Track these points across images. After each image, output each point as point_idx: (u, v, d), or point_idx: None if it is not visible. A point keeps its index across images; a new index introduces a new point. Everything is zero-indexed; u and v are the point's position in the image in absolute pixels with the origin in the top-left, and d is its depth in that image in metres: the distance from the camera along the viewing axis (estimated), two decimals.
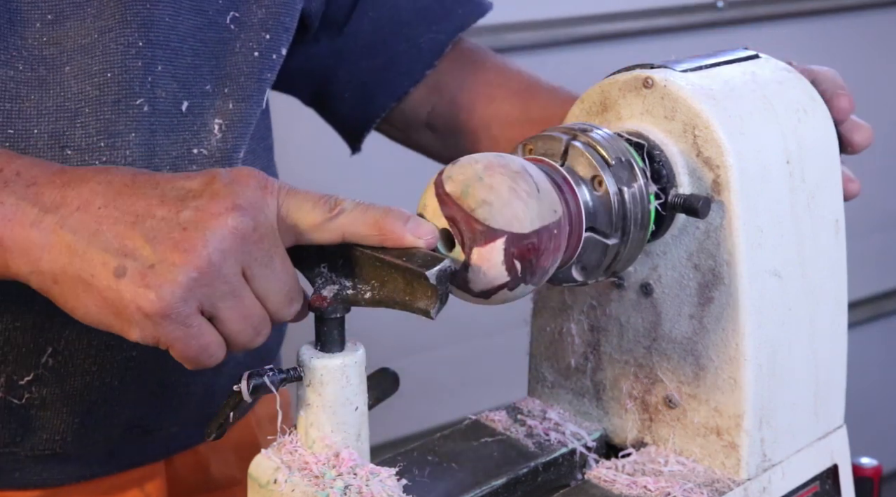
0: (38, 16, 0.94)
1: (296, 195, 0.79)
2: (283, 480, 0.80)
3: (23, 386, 1.00)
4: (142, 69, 0.97)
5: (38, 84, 0.94)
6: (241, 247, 0.76)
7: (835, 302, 0.97)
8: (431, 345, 2.21)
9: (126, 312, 0.76)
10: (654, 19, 2.36)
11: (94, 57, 0.96)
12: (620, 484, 0.89)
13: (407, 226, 0.78)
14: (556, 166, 0.85)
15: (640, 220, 0.85)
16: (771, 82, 0.94)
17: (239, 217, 0.76)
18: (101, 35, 0.95)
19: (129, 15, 0.96)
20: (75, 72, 0.95)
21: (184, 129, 1.01)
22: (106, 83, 0.96)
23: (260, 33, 1.05)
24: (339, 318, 0.80)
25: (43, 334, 0.99)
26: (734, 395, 0.89)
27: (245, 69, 1.05)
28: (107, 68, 0.96)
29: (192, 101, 1.01)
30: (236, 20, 1.03)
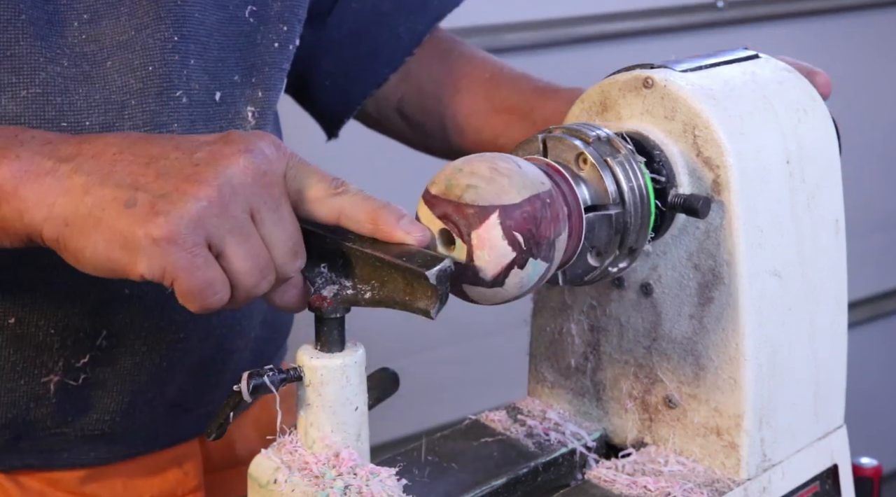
0: (75, 15, 0.96)
1: (305, 165, 0.81)
2: (283, 480, 0.80)
3: (79, 368, 1.03)
4: (178, 63, 1.00)
5: (83, 79, 0.97)
6: (251, 186, 0.77)
7: (835, 302, 0.97)
8: (431, 345, 2.21)
9: (134, 239, 0.76)
10: (654, 19, 2.36)
11: (134, 52, 0.99)
12: (620, 484, 0.89)
13: (400, 222, 0.79)
14: (552, 163, 0.85)
15: (637, 191, 0.85)
16: (771, 82, 0.94)
17: (251, 158, 0.78)
18: (137, 32, 0.98)
19: (162, 12, 0.99)
20: (117, 66, 0.98)
21: (220, 118, 1.05)
22: (148, 76, 0.99)
23: (278, 25, 1.09)
24: (339, 318, 0.80)
25: (99, 318, 1.02)
26: (734, 395, 0.89)
27: (268, 59, 1.08)
28: (147, 62, 0.99)
29: (224, 91, 1.05)
30: (255, 14, 1.06)
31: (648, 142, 0.89)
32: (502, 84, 1.27)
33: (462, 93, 1.28)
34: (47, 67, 0.95)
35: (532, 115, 1.23)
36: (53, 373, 1.03)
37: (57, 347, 1.02)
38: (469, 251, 0.78)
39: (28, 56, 0.94)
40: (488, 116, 1.26)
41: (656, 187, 0.87)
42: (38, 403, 1.04)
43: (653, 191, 0.87)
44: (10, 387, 1.02)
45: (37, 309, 1.00)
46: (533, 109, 1.23)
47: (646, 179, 0.86)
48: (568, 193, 0.83)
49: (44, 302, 1.00)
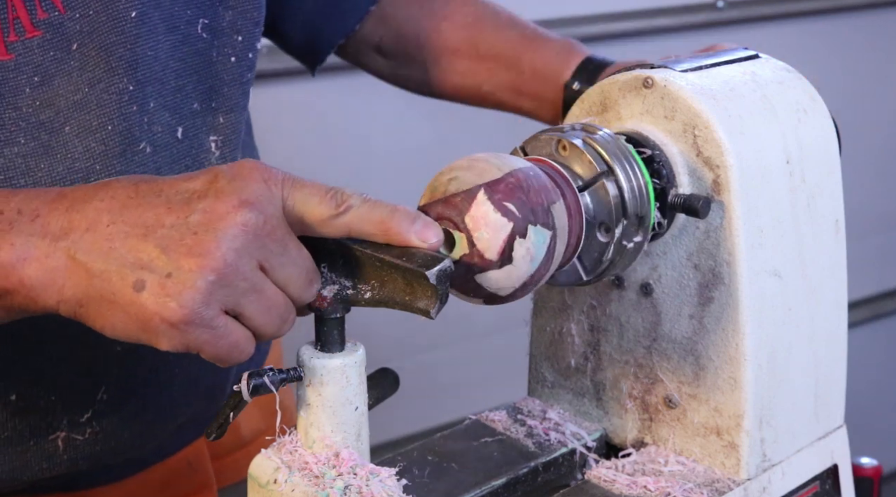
0: (25, 79, 0.93)
1: (301, 187, 0.79)
2: (283, 480, 0.80)
3: (83, 423, 1.03)
4: (137, 113, 0.98)
5: (43, 152, 0.95)
6: (254, 242, 0.76)
7: (835, 302, 0.97)
8: (431, 345, 2.21)
9: (151, 324, 0.76)
10: (654, 19, 2.36)
11: (91, 111, 0.96)
12: (620, 484, 0.89)
13: (413, 227, 0.78)
14: (553, 164, 0.85)
15: (640, 215, 0.85)
16: (771, 82, 0.94)
17: (247, 213, 0.76)
18: (91, 88, 0.96)
19: (112, 61, 0.96)
20: (75, 130, 0.96)
21: (184, 156, 1.03)
22: (108, 136, 0.97)
23: (232, 37, 1.05)
24: (339, 318, 0.80)
25: (96, 376, 1.03)
26: (734, 395, 0.89)
27: (226, 78, 1.06)
28: (106, 121, 0.96)
29: (185, 124, 1.02)
30: (207, 27, 1.03)
31: (648, 142, 0.89)
32: (486, 29, 1.26)
33: (443, 35, 1.26)
34: (4, 151, 0.93)
35: (519, 64, 1.21)
36: (59, 430, 1.03)
37: (59, 409, 1.02)
38: (469, 239, 0.78)
39: None
40: (472, 62, 1.25)
41: (656, 188, 0.87)
42: (50, 463, 1.04)
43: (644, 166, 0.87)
44: (22, 449, 1.03)
45: (36, 382, 1.00)
46: (521, 58, 1.21)
47: (651, 206, 0.86)
48: (555, 175, 0.83)
49: (42, 373, 1.00)
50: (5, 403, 1.00)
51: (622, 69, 0.94)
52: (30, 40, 0.93)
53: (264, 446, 1.15)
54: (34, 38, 0.93)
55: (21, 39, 0.92)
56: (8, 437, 1.01)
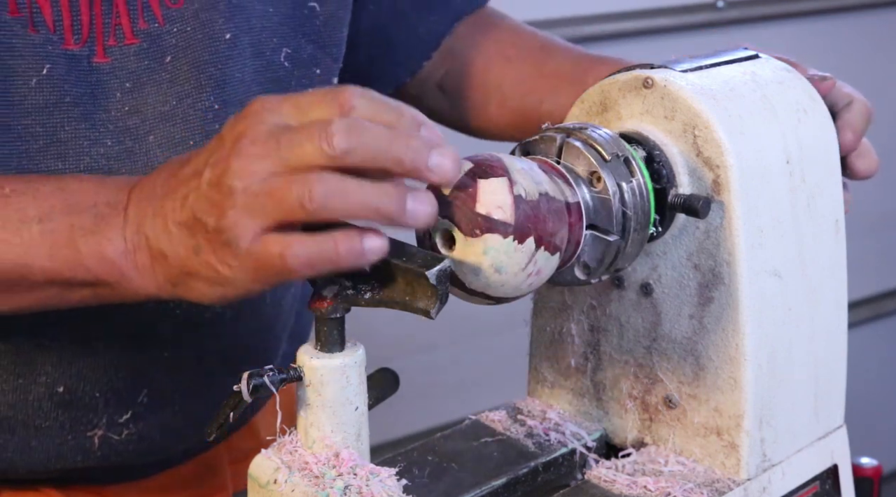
0: (118, 84, 0.96)
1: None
2: (283, 480, 0.80)
3: (121, 423, 1.07)
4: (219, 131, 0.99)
5: (126, 156, 0.97)
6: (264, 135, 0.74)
7: (835, 302, 0.97)
8: (431, 345, 2.21)
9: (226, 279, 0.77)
10: (654, 19, 2.36)
11: (176, 124, 0.99)
12: (620, 484, 0.89)
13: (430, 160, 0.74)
14: (553, 163, 0.85)
15: (640, 216, 0.85)
16: (771, 82, 0.94)
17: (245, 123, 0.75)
18: (179, 102, 0.99)
19: (203, 78, 0.99)
20: (159, 140, 0.98)
21: None
22: (189, 151, 0.97)
23: (311, 69, 1.08)
24: (339, 318, 0.80)
25: (140, 379, 1.06)
26: (734, 395, 0.89)
27: None
28: (189, 136, 0.99)
29: None
30: (289, 57, 1.06)
31: (648, 142, 0.89)
32: (553, 53, 1.25)
33: (512, 62, 1.25)
34: (91, 150, 0.96)
35: (585, 79, 1.19)
36: (98, 428, 1.06)
37: (101, 407, 1.05)
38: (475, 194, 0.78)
39: (73, 141, 0.95)
40: (535, 81, 1.23)
41: (656, 188, 0.87)
42: (84, 456, 1.07)
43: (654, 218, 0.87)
44: (59, 442, 1.06)
45: (83, 378, 1.03)
46: (586, 73, 1.19)
47: (651, 208, 0.86)
48: (555, 175, 0.83)
49: (89, 371, 1.03)
50: (52, 394, 1.03)
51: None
52: (127, 47, 0.96)
53: None
54: (132, 45, 0.97)
55: (119, 45, 0.96)
56: (49, 427, 1.04)
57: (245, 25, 1.02)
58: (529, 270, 0.79)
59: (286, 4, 1.05)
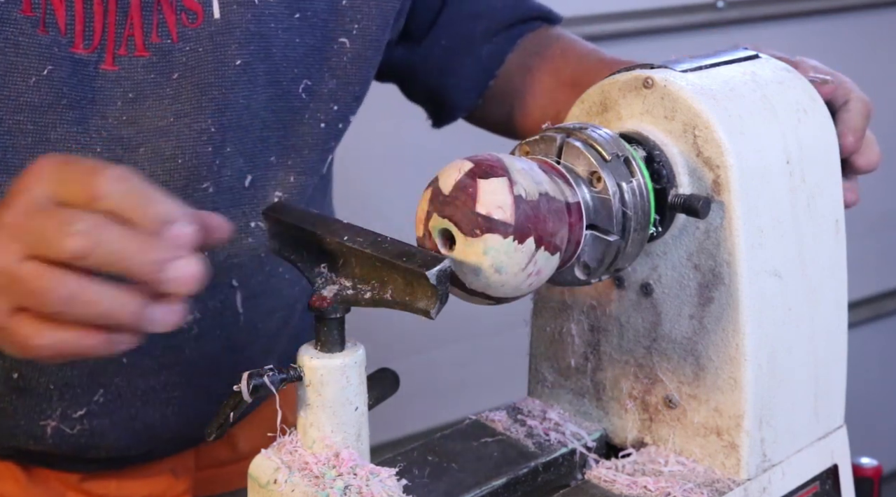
0: (121, 93, 0.97)
1: None
2: (283, 480, 0.80)
3: (76, 418, 1.06)
4: (211, 154, 1.01)
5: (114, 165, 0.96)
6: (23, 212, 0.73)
7: (835, 302, 0.97)
8: (431, 345, 2.21)
9: None
10: (654, 19, 2.36)
11: (169, 140, 0.99)
12: (620, 484, 0.89)
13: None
14: (553, 163, 0.85)
15: (640, 216, 0.85)
16: (771, 82, 0.94)
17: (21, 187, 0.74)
18: (176, 119, 0.99)
19: (204, 100, 0.99)
20: (149, 154, 0.99)
21: (244, 203, 1.05)
22: (176, 169, 1.00)
23: (329, 104, 1.08)
24: (339, 318, 0.80)
25: (97, 378, 1.05)
26: (734, 395, 0.89)
27: (310, 141, 1.08)
28: (178, 154, 0.99)
29: (256, 174, 1.05)
30: (308, 89, 1.06)
31: (648, 142, 0.89)
32: (570, 59, 1.25)
33: (533, 72, 1.26)
34: (79, 154, 0.96)
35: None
36: (51, 419, 1.05)
37: (55, 399, 1.04)
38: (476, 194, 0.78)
39: (62, 142, 0.96)
40: (553, 91, 1.24)
41: (656, 188, 0.87)
42: (36, 442, 1.07)
43: (654, 218, 0.87)
44: (12, 424, 1.07)
45: (38, 368, 1.03)
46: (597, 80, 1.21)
47: (651, 208, 0.86)
48: (555, 175, 0.83)
49: (45, 364, 1.02)
50: (7, 379, 1.03)
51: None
52: (136, 58, 0.97)
53: None
54: (141, 58, 0.97)
55: (129, 56, 0.97)
56: (4, 409, 1.05)
57: (262, 53, 1.01)
58: (529, 270, 0.79)
59: (315, 37, 1.05)
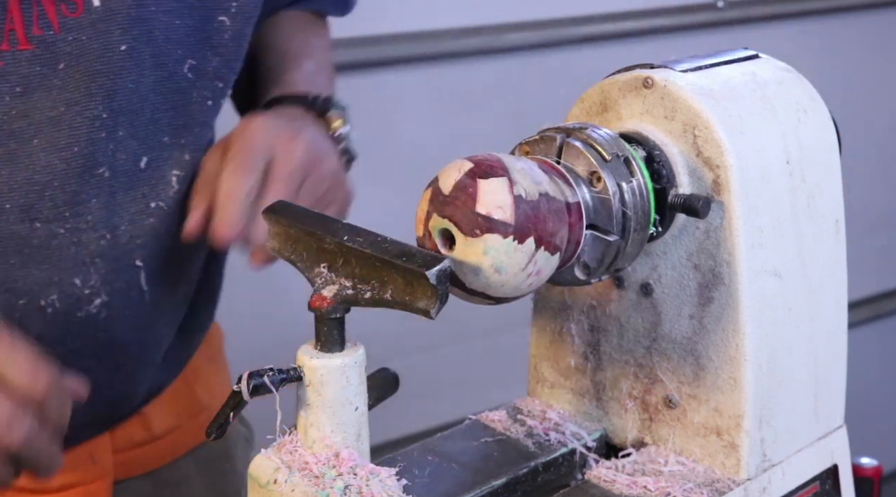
0: (7, 88, 0.98)
1: None
2: (283, 480, 0.80)
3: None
4: (104, 140, 1.02)
5: (8, 158, 0.99)
6: None
7: (835, 302, 0.97)
8: (431, 345, 2.21)
9: None
10: (654, 19, 2.36)
11: (62, 130, 1.00)
12: (620, 484, 0.89)
13: None
14: (553, 163, 0.85)
15: (640, 216, 0.85)
16: (771, 82, 0.94)
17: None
18: (67, 108, 1.00)
19: (93, 87, 1.00)
20: (43, 144, 1.00)
21: (142, 185, 1.07)
22: (73, 157, 1.01)
23: (214, 82, 1.10)
24: (339, 318, 0.80)
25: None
26: (734, 395, 0.89)
27: (200, 119, 1.10)
28: (73, 142, 1.00)
29: (151, 155, 1.06)
30: (193, 68, 1.08)
31: (648, 142, 0.89)
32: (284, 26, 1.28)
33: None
34: None
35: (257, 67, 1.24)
36: None
37: None
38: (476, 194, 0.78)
39: None
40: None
41: (656, 188, 0.87)
42: None
43: (654, 218, 0.87)
44: None
45: None
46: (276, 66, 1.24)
47: (651, 208, 0.86)
48: (555, 175, 0.83)
49: None
50: None
51: None
52: (20, 52, 0.98)
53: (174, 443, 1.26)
54: (24, 51, 0.98)
55: (12, 50, 0.97)
56: None
57: (145, 37, 1.03)
58: (529, 270, 0.79)
59: (194, 17, 1.07)
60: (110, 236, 1.06)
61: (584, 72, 1.30)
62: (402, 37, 2.06)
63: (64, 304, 1.05)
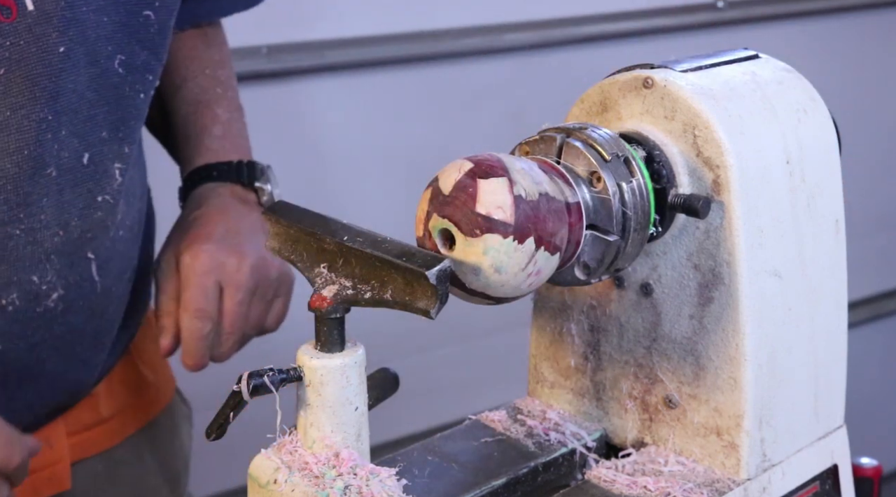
0: None
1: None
2: (283, 480, 0.80)
3: None
4: (51, 140, 1.05)
5: None
6: None
7: (835, 302, 0.97)
8: (431, 345, 2.21)
9: None
10: (654, 19, 2.36)
11: (10, 134, 1.02)
12: (620, 484, 0.89)
13: None
14: (553, 163, 0.85)
15: (640, 216, 0.85)
16: (771, 82, 0.94)
17: None
18: (13, 112, 1.02)
19: (37, 90, 1.02)
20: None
21: (87, 180, 1.10)
22: (23, 160, 1.03)
23: (144, 75, 1.13)
24: (339, 318, 0.80)
25: None
26: (734, 395, 0.89)
27: (134, 112, 1.13)
28: (23, 146, 1.03)
29: (92, 151, 1.09)
30: (124, 63, 1.10)
31: (648, 142, 0.89)
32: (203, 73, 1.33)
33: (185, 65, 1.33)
34: None
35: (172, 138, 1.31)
36: None
37: None
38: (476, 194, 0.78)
39: None
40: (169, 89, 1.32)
41: (656, 188, 0.87)
42: None
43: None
44: None
45: None
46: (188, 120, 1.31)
47: (651, 208, 0.86)
48: (555, 175, 0.83)
49: None
50: None
51: None
52: None
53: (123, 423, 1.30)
54: None
55: None
56: None
57: (80, 37, 1.05)
58: (529, 270, 0.79)
59: (120, 13, 1.09)
60: (63, 233, 1.09)
61: (584, 72, 1.30)
62: (402, 37, 2.06)
63: (23, 301, 1.09)
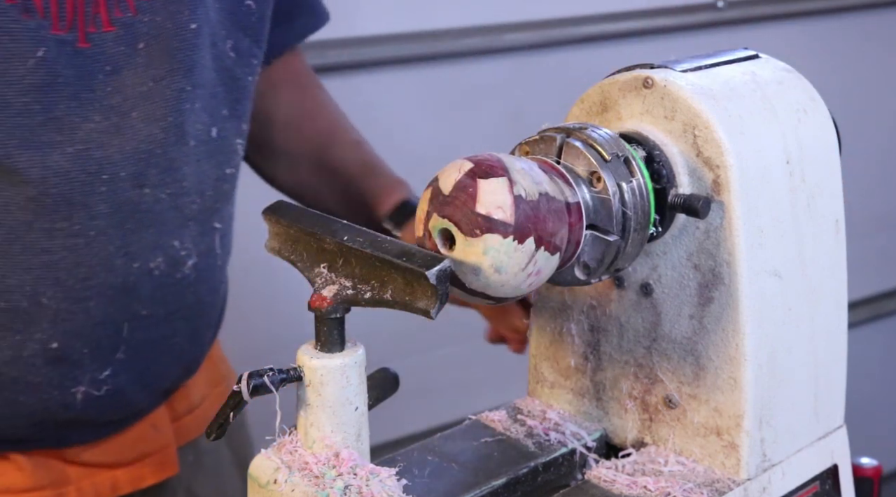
0: (99, 67, 1.06)
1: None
2: (283, 480, 0.80)
3: (102, 380, 1.15)
4: (189, 111, 1.11)
5: (115, 131, 1.07)
6: None
7: (835, 302, 0.97)
8: (431, 345, 2.21)
9: None
10: (654, 19, 2.36)
11: (155, 103, 1.09)
12: (620, 484, 0.89)
13: None
14: (553, 163, 0.85)
15: (640, 216, 0.85)
16: (771, 82, 0.94)
17: None
18: (155, 83, 1.09)
19: (174, 63, 1.10)
20: (142, 116, 1.09)
21: (218, 153, 1.17)
22: (169, 126, 1.10)
23: (250, 59, 1.19)
24: (339, 318, 0.80)
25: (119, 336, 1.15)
26: (734, 395, 0.89)
27: (246, 93, 1.20)
28: (168, 113, 1.10)
29: (218, 125, 1.16)
30: (234, 47, 1.17)
31: (648, 142, 0.89)
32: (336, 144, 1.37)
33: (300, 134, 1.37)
34: (83, 125, 1.05)
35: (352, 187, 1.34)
36: (81, 384, 1.14)
37: (87, 363, 1.13)
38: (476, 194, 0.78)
39: (67, 117, 1.05)
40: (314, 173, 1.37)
41: (656, 188, 0.87)
42: (66, 411, 1.15)
43: (653, 218, 0.87)
44: (45, 398, 1.14)
45: (75, 334, 1.12)
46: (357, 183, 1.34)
47: (651, 208, 0.86)
48: (555, 175, 0.83)
49: (81, 328, 1.12)
50: (45, 351, 1.11)
51: None
52: (105, 34, 1.06)
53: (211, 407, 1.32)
54: (109, 32, 1.06)
55: (98, 32, 1.06)
56: (38, 383, 1.12)
57: (205, 17, 1.12)
58: (529, 270, 0.79)
59: (225, 1, 1.16)
60: (200, 200, 1.16)
61: (584, 72, 1.30)
62: (402, 37, 2.06)
63: (167, 266, 1.14)
